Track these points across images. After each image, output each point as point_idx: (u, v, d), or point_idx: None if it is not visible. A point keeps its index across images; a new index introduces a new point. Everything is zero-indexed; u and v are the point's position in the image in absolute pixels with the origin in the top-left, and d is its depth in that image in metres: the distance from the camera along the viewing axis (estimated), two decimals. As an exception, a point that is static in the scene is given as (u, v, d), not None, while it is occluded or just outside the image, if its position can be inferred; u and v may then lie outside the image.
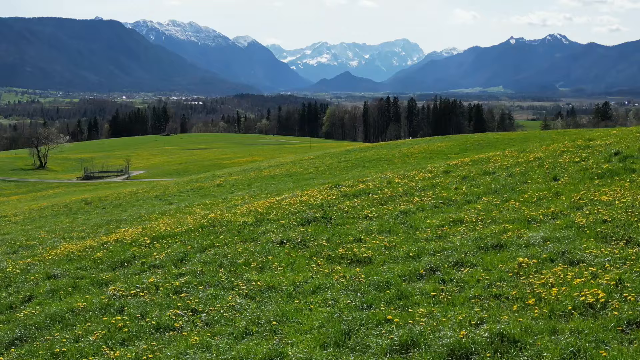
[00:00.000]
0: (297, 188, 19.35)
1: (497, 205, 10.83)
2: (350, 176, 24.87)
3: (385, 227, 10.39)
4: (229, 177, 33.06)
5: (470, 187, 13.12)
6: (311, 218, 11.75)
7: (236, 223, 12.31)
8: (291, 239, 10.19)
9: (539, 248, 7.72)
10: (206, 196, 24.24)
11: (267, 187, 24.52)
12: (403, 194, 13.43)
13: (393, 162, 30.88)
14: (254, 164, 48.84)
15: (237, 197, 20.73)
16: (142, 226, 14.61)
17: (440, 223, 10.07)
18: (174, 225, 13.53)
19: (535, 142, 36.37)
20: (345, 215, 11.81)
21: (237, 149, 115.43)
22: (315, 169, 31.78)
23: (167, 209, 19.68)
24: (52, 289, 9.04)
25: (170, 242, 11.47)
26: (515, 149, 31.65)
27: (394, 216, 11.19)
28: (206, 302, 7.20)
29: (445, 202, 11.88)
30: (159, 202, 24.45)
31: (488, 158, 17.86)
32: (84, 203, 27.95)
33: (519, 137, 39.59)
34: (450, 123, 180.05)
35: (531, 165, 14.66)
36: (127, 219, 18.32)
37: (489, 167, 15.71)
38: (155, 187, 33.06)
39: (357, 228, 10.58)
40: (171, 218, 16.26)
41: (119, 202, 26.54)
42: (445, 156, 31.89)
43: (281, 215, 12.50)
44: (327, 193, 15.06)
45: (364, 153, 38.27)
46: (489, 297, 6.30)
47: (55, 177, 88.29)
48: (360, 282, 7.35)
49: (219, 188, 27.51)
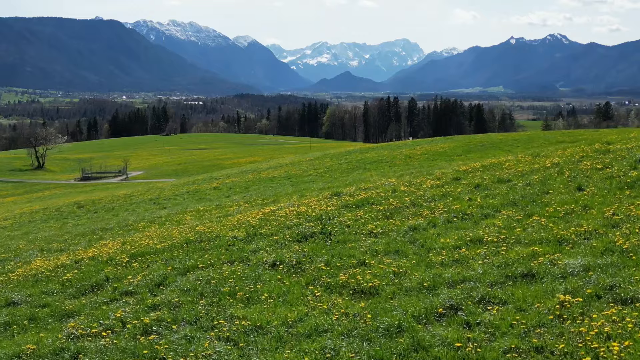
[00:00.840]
0: (295, 193, 18.05)
1: (520, 221, 9.47)
2: (351, 179, 23.63)
3: (392, 247, 9.03)
4: (226, 180, 31.82)
5: (485, 198, 11.72)
6: (308, 233, 10.46)
7: (225, 238, 11.00)
8: (285, 260, 8.89)
9: (580, 280, 6.44)
10: (201, 200, 23.00)
11: (265, 190, 23.26)
12: (411, 205, 12.04)
13: (395, 164, 29.63)
14: (253, 165, 47.59)
15: (231, 202, 19.46)
16: (123, 239, 13.32)
17: (457, 243, 8.72)
18: (157, 239, 12.23)
19: (539, 142, 35.13)
20: (346, 230, 10.49)
21: (237, 149, 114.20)
22: (314, 171, 30.55)
23: (157, 216, 18.41)
24: (6, 322, 7.77)
25: (150, 261, 10.15)
26: (523, 150, 30.41)
27: (402, 233, 9.85)
28: (178, 349, 5.88)
29: (459, 216, 10.51)
30: (153, 206, 23.22)
31: (500, 163, 16.45)
32: (76, 207, 26.74)
33: (522, 137, 38.35)
34: (450, 123, 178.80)
35: (549, 173, 13.30)
36: (114, 228, 17.08)
37: (502, 174, 14.32)
38: (151, 190, 31.83)
39: (360, 247, 9.28)
40: (158, 228, 15.00)
41: (112, 206, 25.32)
42: (448, 158, 30.67)
43: (275, 229, 11.21)
44: (327, 202, 13.68)
45: (364, 154, 37.03)
46: (529, 350, 5.02)
47: (53, 177, 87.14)
48: (366, 323, 6.05)
49: (216, 191, 26.27)
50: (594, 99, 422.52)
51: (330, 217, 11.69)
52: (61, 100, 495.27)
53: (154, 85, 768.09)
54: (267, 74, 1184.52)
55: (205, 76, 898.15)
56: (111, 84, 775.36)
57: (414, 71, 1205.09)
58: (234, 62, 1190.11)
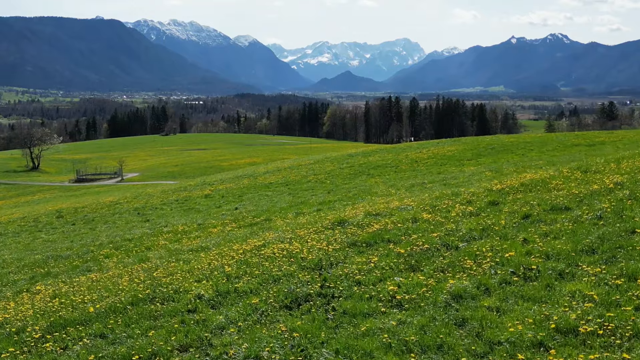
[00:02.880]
0: (291, 208, 16.20)
1: (620, 289, 6.32)
2: (355, 189, 21.79)
3: (431, 337, 5.89)
4: (220, 186, 30.02)
5: (546, 239, 8.53)
6: (302, 294, 7.61)
7: (186, 297, 8.21)
8: (262, 358, 5.95)
9: None
10: (189, 211, 21.19)
11: (259, 200, 21.44)
12: (442, 246, 8.97)
13: (401, 170, 27.83)
14: (251, 168, 45.76)
15: (218, 219, 17.55)
16: (57, 288, 10.45)
17: (535, 334, 5.59)
18: (97, 293, 9.34)
19: (554, 145, 33.25)
20: (356, 290, 7.55)
21: (236, 150, 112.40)
22: (314, 177, 28.76)
23: (128, 238, 16.05)
24: None
25: (70, 338, 7.36)
26: (538, 154, 28.39)
27: (440, 305, 6.70)
28: None
29: (520, 273, 7.29)
30: (136, 217, 21.38)
31: (544, 181, 13.04)
32: (55, 216, 24.95)
33: (535, 140, 36.51)
34: (453, 123, 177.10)
35: (618, 197, 10.09)
36: (70, 256, 14.33)
37: (554, 198, 10.96)
38: (139, 197, 30.01)
39: (380, 332, 6.17)
40: (116, 264, 12.33)
41: (92, 216, 23.50)
42: (458, 162, 28.85)
43: (256, 283, 8.37)
44: (328, 237, 10.71)
45: (367, 158, 35.22)
46: None
47: (47, 179, 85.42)
48: None
49: (207, 200, 24.47)
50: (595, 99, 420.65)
51: (332, 264, 8.87)
52: (61, 100, 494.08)
53: (154, 84, 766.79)
54: (268, 73, 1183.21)
55: (206, 76, 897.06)
56: (112, 84, 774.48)
57: (414, 71, 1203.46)
58: (235, 62, 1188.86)
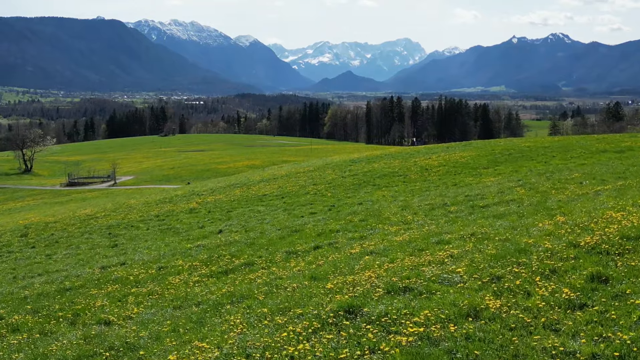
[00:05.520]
0: (282, 241, 13.17)
1: None
2: (358, 203, 18.85)
3: None
4: (208, 197, 27.08)
5: None
6: None
7: None
8: None
9: None
10: (167, 231, 18.25)
11: (248, 219, 18.50)
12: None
13: (410, 180, 24.88)
14: (245, 175, 42.79)
15: (184, 263, 14.57)
16: None
17: None
18: None
19: (578, 152, 30.07)
20: None
21: (235, 152, 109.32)
22: (313, 187, 25.81)
23: (66, 288, 11.92)
24: None
25: None
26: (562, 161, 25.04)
27: None
28: None
29: None
30: (104, 239, 18.46)
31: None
32: (20, 234, 22.03)
33: (554, 145, 33.27)
34: (455, 124, 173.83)
35: None
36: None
37: None
38: (118, 209, 27.06)
39: None
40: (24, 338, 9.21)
41: (60, 235, 20.57)
42: (473, 171, 25.86)
43: None
44: (328, 352, 5.69)
45: (372, 164, 32.27)
46: None
47: (39, 182, 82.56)
48: None
49: (191, 215, 21.54)
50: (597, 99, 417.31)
51: None
52: (62, 100, 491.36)
53: (155, 85, 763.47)
54: (269, 73, 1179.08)
55: (207, 76, 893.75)
56: (112, 84, 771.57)
57: (415, 71, 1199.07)
58: (236, 62, 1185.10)
